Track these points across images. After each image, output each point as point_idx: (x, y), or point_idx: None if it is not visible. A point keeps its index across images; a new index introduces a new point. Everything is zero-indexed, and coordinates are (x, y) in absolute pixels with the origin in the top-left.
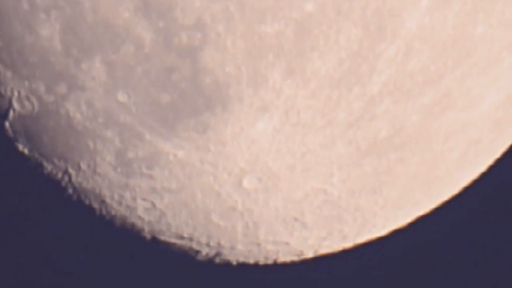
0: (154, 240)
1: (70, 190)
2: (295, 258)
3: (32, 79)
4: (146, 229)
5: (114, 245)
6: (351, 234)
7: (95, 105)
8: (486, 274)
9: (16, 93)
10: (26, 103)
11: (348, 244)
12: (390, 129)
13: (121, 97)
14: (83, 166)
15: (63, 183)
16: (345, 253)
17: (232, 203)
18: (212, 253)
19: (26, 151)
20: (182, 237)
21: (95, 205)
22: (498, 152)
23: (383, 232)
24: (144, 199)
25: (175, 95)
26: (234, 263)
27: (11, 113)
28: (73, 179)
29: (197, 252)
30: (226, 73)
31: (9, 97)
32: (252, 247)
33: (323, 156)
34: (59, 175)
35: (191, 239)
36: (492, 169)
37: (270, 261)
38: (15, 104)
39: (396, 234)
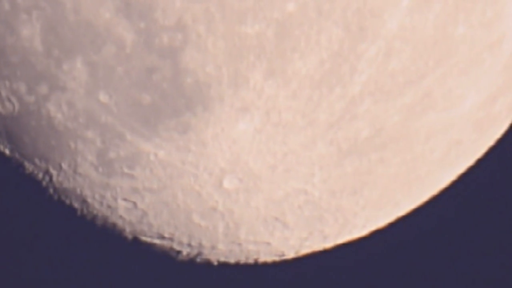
0: (136, 240)
1: (51, 190)
2: (276, 258)
3: (13, 79)
4: (128, 229)
5: (96, 245)
6: (332, 235)
7: (76, 105)
8: (467, 274)
9: None
10: (7, 104)
11: (329, 244)
12: (371, 130)
13: (102, 97)
14: (64, 166)
15: (44, 183)
16: (326, 253)
17: (213, 203)
18: (193, 253)
19: (7, 151)
20: (163, 237)
21: (76, 205)
22: (479, 152)
23: (363, 232)
24: (125, 199)
25: (156, 95)
26: (215, 263)
27: None
28: (54, 179)
29: (178, 252)
30: (207, 73)
31: None
32: (233, 247)
33: (304, 156)
34: (40, 175)
35: (172, 239)
36: (473, 169)
37: (251, 261)
38: None
39: (377, 234)
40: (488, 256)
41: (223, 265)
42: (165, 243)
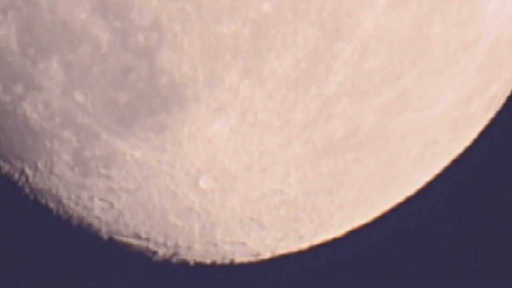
0: (112, 240)
1: (27, 190)
2: (252, 259)
3: None
4: (104, 229)
5: (71, 246)
6: (307, 235)
7: (52, 105)
8: (443, 275)
9: None
10: None
11: (305, 244)
12: (346, 129)
13: (78, 97)
14: (40, 166)
15: (20, 183)
16: (302, 253)
17: (189, 203)
18: (169, 253)
19: None
20: (139, 237)
21: (52, 205)
22: (455, 152)
23: (339, 232)
24: (101, 199)
25: (132, 95)
26: (191, 263)
27: None
28: (30, 179)
29: (154, 252)
30: (183, 73)
31: None
32: (209, 247)
33: (280, 156)
34: (16, 175)
35: (148, 239)
36: (448, 169)
37: (227, 261)
38: None
39: (353, 234)
40: (465, 256)
41: (199, 265)
42: (141, 243)
